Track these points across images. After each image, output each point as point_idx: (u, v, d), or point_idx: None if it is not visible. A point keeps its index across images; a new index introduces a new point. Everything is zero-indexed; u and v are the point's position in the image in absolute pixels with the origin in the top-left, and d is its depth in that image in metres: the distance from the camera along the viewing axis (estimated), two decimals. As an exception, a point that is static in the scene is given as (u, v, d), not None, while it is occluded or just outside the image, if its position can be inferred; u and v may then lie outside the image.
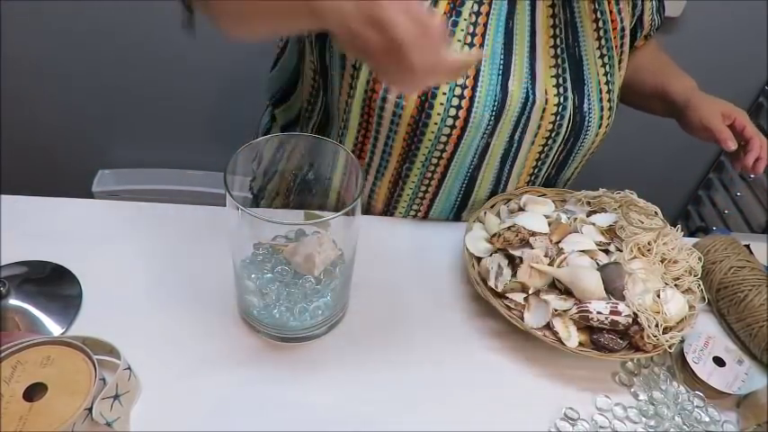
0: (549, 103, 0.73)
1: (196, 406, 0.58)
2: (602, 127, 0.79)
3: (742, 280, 0.72)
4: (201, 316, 0.66)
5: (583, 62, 0.76)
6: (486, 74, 0.70)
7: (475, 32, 0.70)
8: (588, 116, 0.76)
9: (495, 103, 0.71)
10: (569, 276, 0.66)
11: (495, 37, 0.71)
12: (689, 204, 1.86)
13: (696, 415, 0.64)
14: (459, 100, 0.69)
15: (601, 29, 0.76)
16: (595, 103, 0.77)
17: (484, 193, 0.82)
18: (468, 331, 0.69)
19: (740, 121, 0.78)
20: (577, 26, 0.74)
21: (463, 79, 0.69)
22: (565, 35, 0.74)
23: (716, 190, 1.74)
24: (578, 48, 0.75)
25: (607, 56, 0.77)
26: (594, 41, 0.76)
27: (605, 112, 0.78)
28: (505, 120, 0.73)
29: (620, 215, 0.75)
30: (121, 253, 0.72)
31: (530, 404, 0.63)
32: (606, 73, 0.77)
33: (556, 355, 0.66)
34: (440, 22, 0.43)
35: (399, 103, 0.70)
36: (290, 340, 0.65)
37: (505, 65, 0.71)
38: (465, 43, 0.70)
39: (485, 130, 0.73)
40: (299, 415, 0.59)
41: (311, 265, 0.61)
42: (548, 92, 0.73)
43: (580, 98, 0.75)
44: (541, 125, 0.75)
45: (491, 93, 0.70)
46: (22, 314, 0.63)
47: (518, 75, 0.72)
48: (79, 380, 0.53)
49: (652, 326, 0.64)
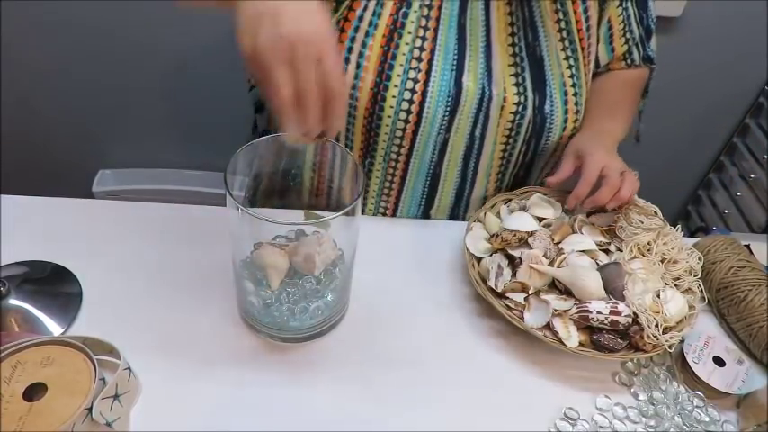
0: (507, 102, 0.73)
1: (196, 406, 0.58)
2: (566, 129, 0.78)
3: (742, 280, 0.72)
4: (201, 316, 0.66)
5: (544, 62, 0.74)
6: (438, 68, 0.70)
7: (427, 26, 0.69)
8: (550, 117, 0.76)
9: (448, 98, 0.70)
10: (569, 276, 0.66)
11: (447, 31, 0.70)
12: (689, 204, 1.86)
13: (696, 415, 0.64)
14: (411, 94, 0.69)
15: (564, 29, 0.74)
16: (558, 105, 0.75)
17: (450, 193, 0.82)
18: (468, 331, 0.69)
19: (584, 168, 0.73)
20: (537, 25, 0.73)
21: (415, 73, 0.69)
22: (524, 33, 0.73)
23: (716, 190, 1.74)
24: (539, 47, 0.74)
25: (572, 57, 0.76)
26: (558, 42, 0.74)
27: (570, 115, 0.77)
28: (462, 115, 0.72)
29: (620, 215, 0.75)
30: (121, 253, 0.72)
31: (530, 404, 0.63)
32: (572, 75, 0.76)
33: (556, 355, 0.66)
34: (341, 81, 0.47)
35: (354, 94, 0.70)
36: (289, 340, 0.65)
37: (459, 60, 0.71)
38: (417, 36, 0.69)
39: (440, 125, 0.72)
40: (299, 415, 0.59)
41: (311, 264, 0.61)
42: (506, 90, 0.72)
43: (541, 99, 0.74)
44: (501, 123, 0.74)
45: (444, 87, 0.70)
46: (22, 314, 0.63)
47: (473, 71, 0.71)
48: (79, 380, 0.53)
49: (652, 326, 0.64)
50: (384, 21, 0.68)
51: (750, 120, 1.63)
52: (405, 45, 0.68)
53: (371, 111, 0.71)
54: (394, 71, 0.68)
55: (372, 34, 0.68)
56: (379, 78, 0.69)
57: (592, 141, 0.76)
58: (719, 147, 1.74)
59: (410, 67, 0.69)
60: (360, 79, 0.69)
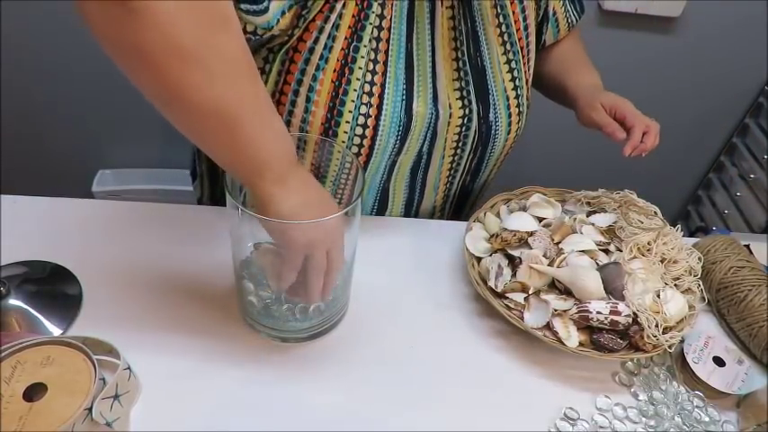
0: (453, 116, 0.72)
1: (196, 406, 0.58)
2: (511, 132, 0.79)
3: (742, 280, 0.72)
4: (201, 316, 0.66)
5: (486, 72, 0.74)
6: (389, 101, 0.69)
7: (377, 59, 0.67)
8: (495, 125, 0.76)
9: (399, 128, 0.70)
10: (569, 276, 0.66)
11: (396, 62, 0.68)
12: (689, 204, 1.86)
13: (696, 415, 0.64)
14: (362, 129, 0.69)
15: (505, 33, 0.74)
16: (502, 111, 0.76)
17: (399, 206, 0.83)
18: (468, 331, 0.69)
19: (620, 112, 0.74)
20: (479, 35, 0.72)
21: (366, 108, 0.68)
22: (467, 46, 0.71)
23: (716, 190, 1.74)
24: (480, 57, 0.73)
25: (514, 60, 0.75)
26: (499, 47, 0.74)
27: (513, 118, 0.77)
28: (412, 139, 0.72)
29: (620, 215, 0.75)
30: (121, 253, 0.72)
31: (530, 404, 0.63)
32: (513, 78, 0.76)
33: (556, 355, 0.66)
34: None
35: (304, 128, 0.69)
36: (289, 340, 0.65)
37: (408, 88, 0.70)
38: (367, 70, 0.67)
39: (392, 151, 0.72)
40: (299, 415, 0.59)
41: None
42: (451, 105, 0.72)
43: (485, 108, 0.74)
44: (447, 138, 0.74)
45: (395, 118, 0.69)
46: (22, 314, 0.63)
47: (423, 95, 0.71)
48: (79, 380, 0.53)
49: (652, 326, 0.64)
50: (335, 55, 0.65)
51: (750, 120, 1.63)
52: (356, 81, 0.67)
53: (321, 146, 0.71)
54: (345, 107, 0.67)
55: (323, 68, 0.66)
56: (330, 114, 0.67)
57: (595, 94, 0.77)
58: (719, 147, 1.75)
59: (361, 103, 0.67)
60: (310, 113, 0.68)
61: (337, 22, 0.64)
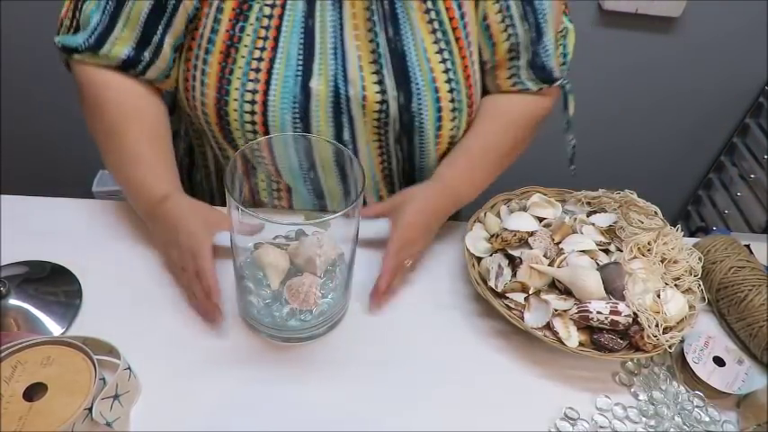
0: (368, 100, 0.70)
1: (196, 406, 0.58)
2: (442, 129, 0.75)
3: (742, 280, 0.72)
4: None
5: (407, 57, 0.70)
6: (280, 76, 0.69)
7: (266, 36, 0.68)
8: (419, 117, 0.72)
9: (294, 104, 0.70)
10: (569, 276, 0.66)
11: (290, 38, 0.68)
12: (689, 204, 1.86)
13: (696, 415, 0.64)
14: (251, 105, 0.69)
15: (434, 20, 0.70)
16: (429, 104, 0.72)
17: (338, 195, 0.78)
18: (468, 331, 0.69)
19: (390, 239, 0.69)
20: (399, 18, 0.69)
21: (254, 84, 0.69)
22: (383, 28, 0.69)
23: (716, 190, 1.74)
24: (400, 42, 0.70)
25: (446, 50, 0.71)
26: (428, 34, 0.70)
27: (445, 114, 0.73)
28: (318, 120, 0.71)
29: (620, 215, 0.75)
30: (121, 253, 0.72)
31: (530, 404, 0.63)
32: (447, 70, 0.72)
33: (556, 355, 0.66)
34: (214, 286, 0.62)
35: (204, 111, 0.71)
36: (290, 340, 0.65)
37: (306, 65, 0.69)
38: (255, 47, 0.68)
39: (294, 130, 0.72)
40: (299, 415, 0.59)
41: (313, 266, 0.61)
42: (366, 88, 0.70)
43: (406, 96, 0.71)
44: (367, 122, 0.72)
45: (288, 94, 0.69)
46: (22, 314, 0.63)
47: (324, 73, 0.70)
48: (79, 380, 0.53)
49: (652, 326, 0.64)
50: (221, 37, 0.68)
51: (750, 120, 1.63)
52: (241, 58, 0.68)
53: (220, 125, 0.71)
54: (232, 85, 0.69)
55: (212, 51, 0.68)
56: (219, 94, 0.69)
57: (425, 200, 0.71)
58: (719, 147, 1.75)
59: (248, 80, 0.68)
60: (205, 96, 0.70)
61: (221, 6, 0.67)
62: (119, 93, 0.71)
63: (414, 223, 0.70)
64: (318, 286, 0.61)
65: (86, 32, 0.69)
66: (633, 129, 1.68)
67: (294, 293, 0.60)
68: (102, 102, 0.70)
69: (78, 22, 0.70)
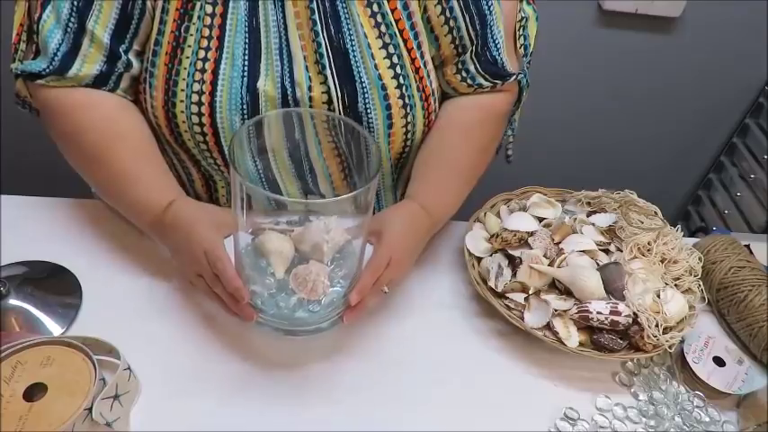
0: (315, 100, 0.69)
1: (196, 406, 0.58)
2: (394, 128, 0.72)
3: (742, 280, 0.72)
4: (202, 316, 0.66)
5: (350, 55, 0.68)
6: (226, 77, 0.67)
7: (211, 35, 0.66)
8: (367, 117, 0.70)
9: (242, 105, 0.68)
10: (569, 276, 0.66)
11: (235, 38, 0.67)
12: (689, 204, 1.86)
13: (696, 415, 0.64)
14: (198, 107, 0.68)
15: (377, 13, 0.68)
16: (376, 103, 0.70)
17: (296, 194, 0.77)
18: (469, 331, 0.69)
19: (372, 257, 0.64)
20: (340, 16, 0.67)
21: (199, 85, 0.67)
22: (324, 26, 0.67)
23: (716, 190, 1.74)
24: (342, 40, 0.68)
25: (391, 44, 0.69)
26: (372, 30, 0.68)
27: (395, 111, 0.71)
28: (269, 121, 0.68)
29: (620, 215, 0.75)
30: (121, 253, 0.72)
31: (530, 404, 0.63)
32: (393, 65, 0.69)
33: (556, 355, 0.66)
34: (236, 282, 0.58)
35: (154, 113, 0.70)
36: (295, 333, 0.63)
37: (252, 65, 0.68)
38: (200, 47, 0.67)
39: None
40: (299, 415, 0.59)
41: (319, 253, 0.58)
42: (312, 88, 0.69)
43: (351, 96, 0.69)
44: (317, 123, 0.70)
45: (235, 96, 0.68)
46: (22, 314, 0.63)
47: (271, 74, 0.68)
48: (79, 380, 0.53)
49: (652, 326, 0.64)
50: (166, 38, 0.66)
51: (750, 120, 1.63)
52: (186, 59, 0.67)
53: (170, 128, 0.70)
54: (178, 86, 0.67)
55: (159, 53, 0.67)
56: (167, 96, 0.68)
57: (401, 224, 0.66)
58: (719, 147, 1.75)
59: (194, 80, 0.67)
60: (154, 98, 0.69)
61: (166, 7, 0.66)
62: (94, 112, 0.68)
63: (396, 244, 0.64)
64: (327, 275, 0.58)
65: (48, 55, 0.65)
66: (633, 129, 1.68)
67: (301, 283, 0.58)
68: (78, 126, 0.68)
69: (37, 46, 0.67)
